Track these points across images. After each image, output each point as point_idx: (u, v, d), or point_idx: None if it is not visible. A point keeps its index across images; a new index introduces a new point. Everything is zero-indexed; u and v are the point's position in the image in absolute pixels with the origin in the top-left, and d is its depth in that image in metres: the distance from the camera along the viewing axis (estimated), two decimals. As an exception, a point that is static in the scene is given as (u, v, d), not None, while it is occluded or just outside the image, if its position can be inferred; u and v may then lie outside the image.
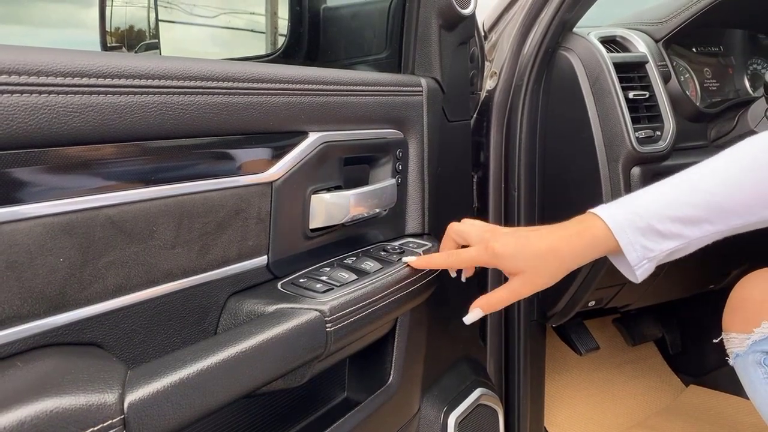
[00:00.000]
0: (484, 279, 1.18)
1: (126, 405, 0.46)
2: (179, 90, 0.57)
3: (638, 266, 0.70)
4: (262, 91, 0.66)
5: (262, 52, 1.20)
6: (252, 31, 1.30)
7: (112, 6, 1.28)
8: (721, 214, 0.68)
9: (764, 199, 0.68)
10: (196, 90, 0.58)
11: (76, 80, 0.49)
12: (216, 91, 0.60)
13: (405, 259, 0.81)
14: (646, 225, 0.69)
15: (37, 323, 0.49)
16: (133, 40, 1.35)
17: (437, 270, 0.85)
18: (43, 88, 0.47)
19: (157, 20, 1.23)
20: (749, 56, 1.41)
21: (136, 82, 0.53)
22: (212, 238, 0.62)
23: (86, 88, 0.49)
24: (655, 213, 0.69)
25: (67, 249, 0.50)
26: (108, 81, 0.51)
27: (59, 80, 0.48)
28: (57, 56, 0.48)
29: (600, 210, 0.72)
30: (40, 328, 0.50)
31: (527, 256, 0.71)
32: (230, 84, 0.62)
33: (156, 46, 1.20)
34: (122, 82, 0.52)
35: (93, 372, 0.48)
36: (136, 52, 1.32)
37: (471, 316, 0.77)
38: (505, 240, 0.73)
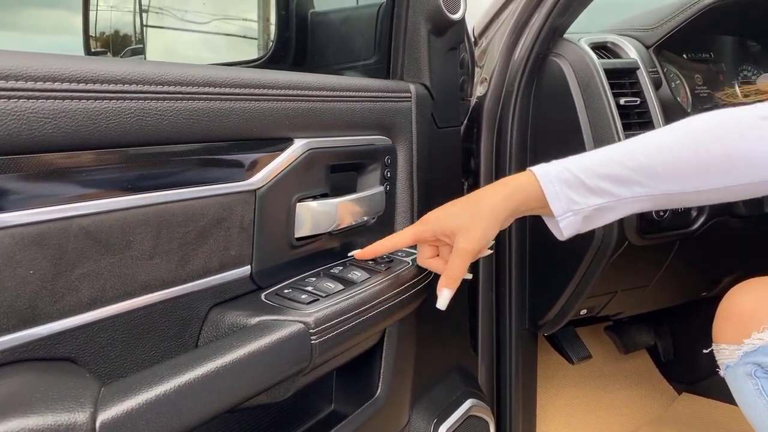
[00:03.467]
0: (474, 291, 1.16)
1: (98, 424, 0.44)
2: (157, 95, 0.55)
3: (563, 217, 0.71)
4: (245, 97, 0.64)
5: (249, 58, 1.19)
6: (244, 37, 1.29)
7: (97, 11, 1.27)
8: (653, 178, 0.69)
9: (698, 168, 0.68)
10: (175, 95, 0.57)
11: (48, 85, 0.47)
12: (196, 96, 0.59)
13: (351, 252, 0.81)
14: (574, 178, 0.70)
15: (6, 338, 0.47)
16: (118, 45, 1.33)
17: (428, 279, 0.83)
18: (12, 93, 0.45)
19: (142, 25, 1.21)
20: (740, 63, 1.41)
21: (112, 87, 0.51)
22: (193, 248, 0.60)
23: (58, 93, 0.48)
24: (585, 168, 0.71)
25: (38, 260, 0.48)
26: (81, 86, 0.49)
27: (29, 85, 0.46)
28: (26, 60, 0.46)
29: (535, 166, 0.74)
30: (9, 343, 0.47)
31: (457, 210, 0.74)
32: (211, 89, 0.60)
33: (141, 51, 1.18)
34: (97, 87, 0.50)
35: (64, 389, 0.46)
36: (121, 58, 1.30)
37: (442, 300, 0.75)
38: (437, 209, 0.76)
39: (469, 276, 0.77)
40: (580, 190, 0.70)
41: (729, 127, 0.69)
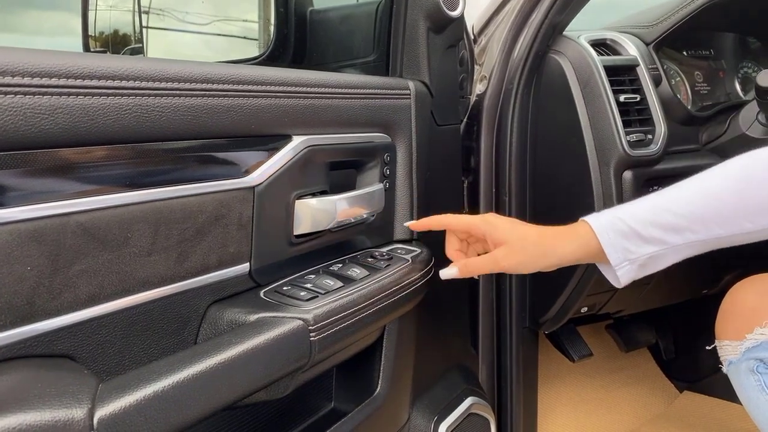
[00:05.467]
0: (475, 289, 1.16)
1: (96, 420, 0.44)
2: (155, 92, 0.55)
3: (619, 267, 0.74)
4: (244, 93, 0.64)
5: (247, 56, 1.18)
6: (242, 36, 1.29)
7: (96, 11, 1.26)
8: (702, 224, 0.71)
9: (744, 210, 0.70)
10: (174, 92, 0.57)
11: (45, 81, 0.47)
12: (194, 93, 0.59)
13: (406, 223, 0.87)
14: (628, 228, 0.73)
15: (4, 335, 0.47)
16: (118, 45, 1.33)
17: (428, 276, 0.83)
18: (9, 89, 0.45)
19: (141, 25, 1.21)
20: (740, 59, 1.41)
21: (109, 83, 0.51)
22: (191, 245, 0.60)
23: (55, 89, 0.47)
24: (638, 218, 0.73)
25: (35, 257, 0.48)
26: (78, 82, 0.49)
27: (26, 80, 0.46)
28: (24, 56, 0.46)
29: (588, 216, 0.76)
30: (7, 340, 0.47)
31: (516, 233, 0.76)
32: (209, 86, 0.60)
33: (140, 51, 1.18)
34: (94, 83, 0.50)
35: (61, 386, 0.45)
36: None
37: (446, 272, 0.80)
38: (503, 217, 0.80)
39: (477, 278, 0.82)
40: (634, 240, 0.72)
41: None
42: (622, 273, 0.74)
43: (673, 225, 0.71)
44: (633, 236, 0.72)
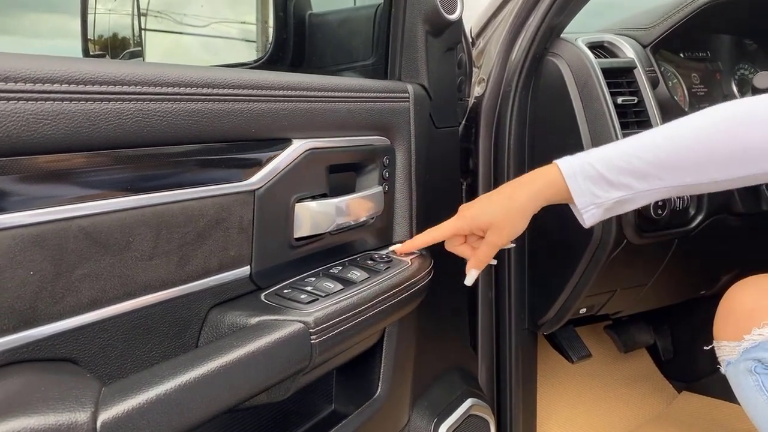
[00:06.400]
0: (474, 291, 1.17)
1: (99, 424, 0.44)
2: (156, 97, 0.55)
3: (585, 210, 0.76)
4: (244, 98, 0.64)
5: (247, 60, 1.19)
6: (242, 39, 1.29)
7: (95, 14, 1.27)
8: (670, 171, 0.72)
9: (713, 158, 0.70)
10: (174, 96, 0.57)
11: (47, 86, 0.47)
12: (195, 97, 0.59)
13: (391, 248, 0.86)
14: (596, 173, 0.74)
15: (7, 339, 0.47)
16: (117, 48, 1.34)
17: (428, 278, 0.84)
18: (12, 95, 0.45)
19: (141, 28, 1.21)
20: (736, 61, 1.41)
21: (111, 88, 0.52)
22: (192, 248, 0.60)
23: (57, 95, 0.48)
24: (606, 162, 0.74)
25: (38, 261, 0.48)
26: (80, 87, 0.49)
27: (28, 86, 0.46)
28: (25, 62, 0.46)
29: (560, 159, 0.78)
30: (10, 344, 0.48)
31: (492, 209, 0.79)
32: (210, 90, 0.60)
33: (140, 54, 1.18)
34: (95, 88, 0.50)
35: (64, 389, 0.46)
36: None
37: (469, 278, 0.83)
38: (473, 204, 0.83)
39: (495, 261, 0.85)
40: (602, 184, 0.74)
41: (741, 117, 0.70)
42: (588, 216, 0.76)
43: (642, 171, 0.72)
44: (601, 181, 0.74)
